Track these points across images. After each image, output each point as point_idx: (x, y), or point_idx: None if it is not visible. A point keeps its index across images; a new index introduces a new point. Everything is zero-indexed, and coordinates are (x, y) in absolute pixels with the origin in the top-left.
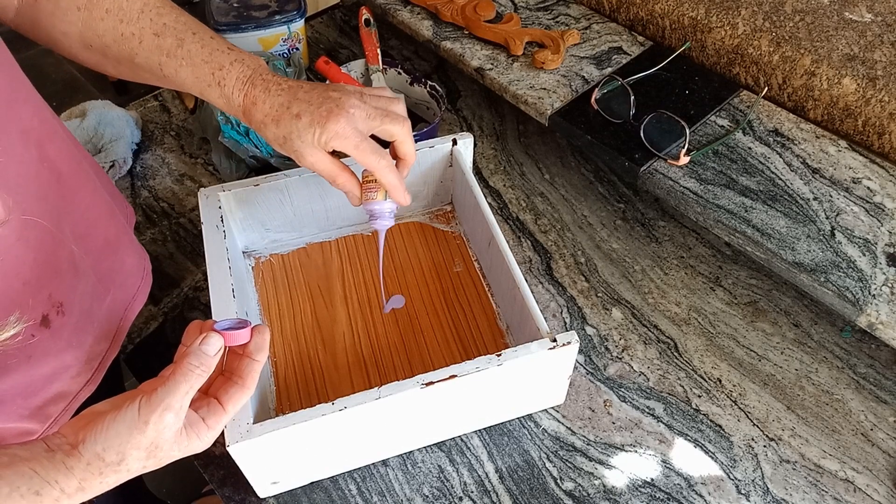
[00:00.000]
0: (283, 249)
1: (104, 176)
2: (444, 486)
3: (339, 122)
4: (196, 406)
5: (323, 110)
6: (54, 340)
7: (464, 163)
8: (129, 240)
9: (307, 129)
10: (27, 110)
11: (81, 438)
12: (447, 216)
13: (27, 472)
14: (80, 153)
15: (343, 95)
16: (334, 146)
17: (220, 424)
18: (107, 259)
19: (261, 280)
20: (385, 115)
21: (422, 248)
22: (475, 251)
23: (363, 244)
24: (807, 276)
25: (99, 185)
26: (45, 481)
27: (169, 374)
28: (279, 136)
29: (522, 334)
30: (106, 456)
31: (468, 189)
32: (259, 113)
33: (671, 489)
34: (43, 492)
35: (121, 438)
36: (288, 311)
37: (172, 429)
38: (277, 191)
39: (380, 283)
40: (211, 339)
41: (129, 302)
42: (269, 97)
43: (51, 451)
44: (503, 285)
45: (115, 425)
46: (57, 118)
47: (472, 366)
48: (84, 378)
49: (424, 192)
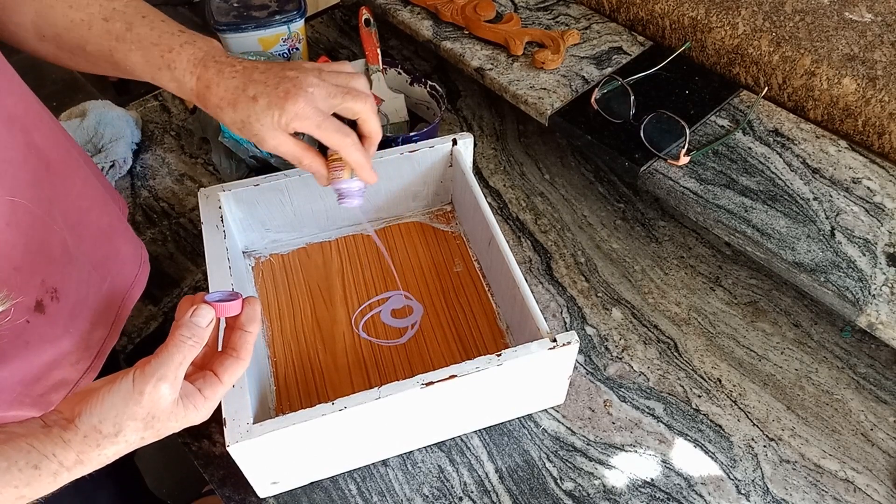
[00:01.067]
0: (283, 249)
1: (95, 167)
2: (444, 486)
3: (297, 102)
4: (192, 379)
5: (280, 91)
6: (50, 326)
7: (464, 163)
8: (124, 228)
9: (265, 112)
10: (11, 98)
11: (77, 412)
12: (447, 216)
13: (24, 447)
14: (68, 142)
15: (300, 74)
16: (295, 127)
17: (217, 396)
18: (101, 247)
19: (261, 280)
20: (346, 92)
21: (422, 248)
22: (475, 251)
23: (363, 244)
24: (807, 276)
25: (90, 175)
26: (42, 455)
27: (162, 347)
28: (237, 121)
29: (522, 334)
30: (103, 428)
31: (468, 189)
32: (214, 97)
33: (671, 489)
34: (41, 465)
35: (116, 410)
36: (288, 311)
37: (168, 399)
38: (277, 191)
39: (392, 275)
40: (202, 311)
41: (126, 289)
42: (223, 80)
43: (47, 427)
44: (503, 285)
45: (110, 397)
46: (45, 108)
47: (472, 366)
48: (84, 365)
49: (424, 192)
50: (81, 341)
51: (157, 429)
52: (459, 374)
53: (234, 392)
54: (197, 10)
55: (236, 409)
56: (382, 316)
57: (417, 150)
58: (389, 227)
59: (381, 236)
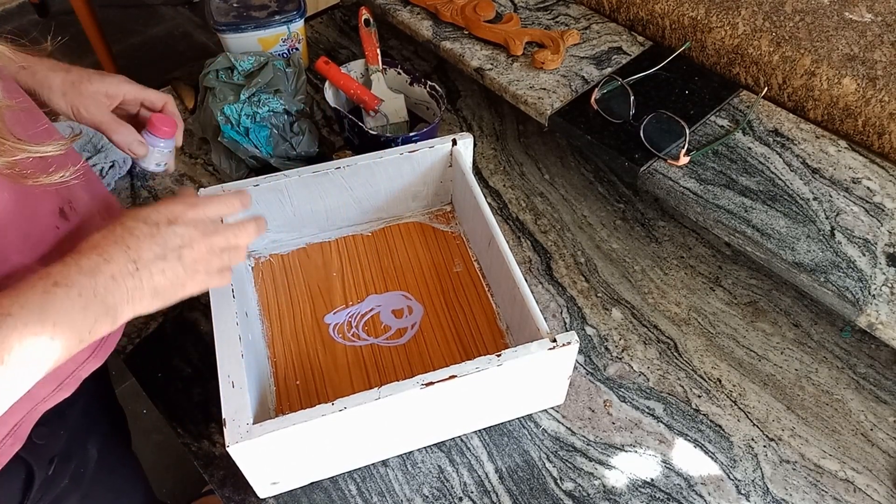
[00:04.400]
0: (283, 249)
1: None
2: (444, 487)
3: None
4: None
5: None
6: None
7: (464, 163)
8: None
9: (96, 76)
10: None
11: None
12: (447, 216)
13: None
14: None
15: None
16: (125, 90)
17: None
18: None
19: (261, 280)
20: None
21: (422, 248)
22: (475, 251)
23: (363, 244)
24: (807, 276)
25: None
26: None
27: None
28: (68, 81)
29: (522, 334)
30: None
31: (468, 189)
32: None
33: (671, 489)
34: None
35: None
36: (288, 311)
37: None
38: (277, 191)
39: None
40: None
41: None
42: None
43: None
44: (503, 285)
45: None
46: None
47: (472, 366)
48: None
49: (424, 192)
50: None
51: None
52: (459, 374)
53: (234, 392)
54: (197, 10)
55: (236, 410)
56: (382, 316)
57: (417, 151)
58: (389, 227)
59: (380, 237)
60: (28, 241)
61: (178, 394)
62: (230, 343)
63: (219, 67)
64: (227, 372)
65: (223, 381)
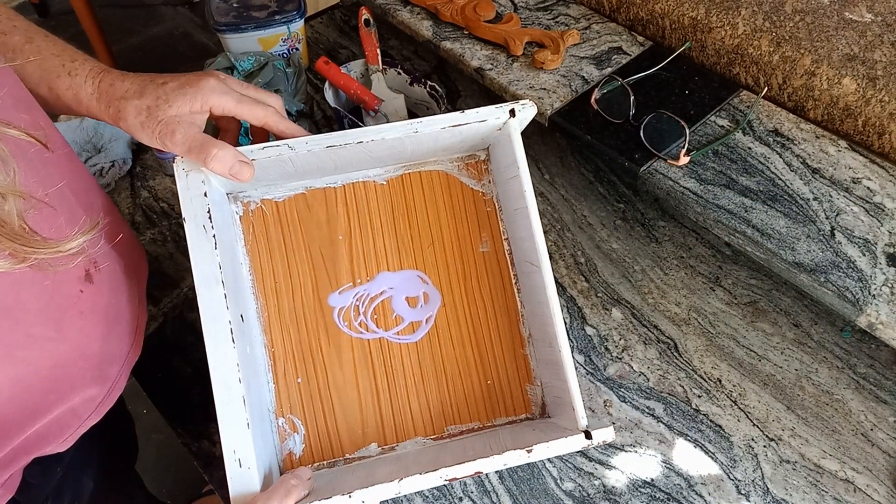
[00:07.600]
0: (278, 194)
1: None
2: (444, 487)
3: (210, 79)
4: None
5: (190, 76)
6: (98, 297)
7: (516, 140)
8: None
9: (177, 92)
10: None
11: None
12: (479, 167)
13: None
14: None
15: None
16: (213, 104)
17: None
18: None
19: (252, 238)
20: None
21: (445, 209)
22: (506, 225)
23: (375, 196)
24: (807, 276)
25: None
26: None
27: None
28: (143, 108)
29: (542, 353)
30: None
31: (514, 162)
32: (118, 91)
33: (671, 489)
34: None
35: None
36: (286, 285)
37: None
38: (280, 162)
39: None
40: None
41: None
42: (127, 80)
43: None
44: (532, 288)
45: None
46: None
47: (500, 461)
48: (130, 339)
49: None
50: (122, 313)
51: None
52: (485, 469)
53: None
54: (197, 10)
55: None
56: (394, 303)
57: (464, 125)
58: (409, 175)
59: (396, 187)
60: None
61: (178, 394)
62: (230, 387)
63: (219, 67)
64: (233, 448)
65: (228, 458)
